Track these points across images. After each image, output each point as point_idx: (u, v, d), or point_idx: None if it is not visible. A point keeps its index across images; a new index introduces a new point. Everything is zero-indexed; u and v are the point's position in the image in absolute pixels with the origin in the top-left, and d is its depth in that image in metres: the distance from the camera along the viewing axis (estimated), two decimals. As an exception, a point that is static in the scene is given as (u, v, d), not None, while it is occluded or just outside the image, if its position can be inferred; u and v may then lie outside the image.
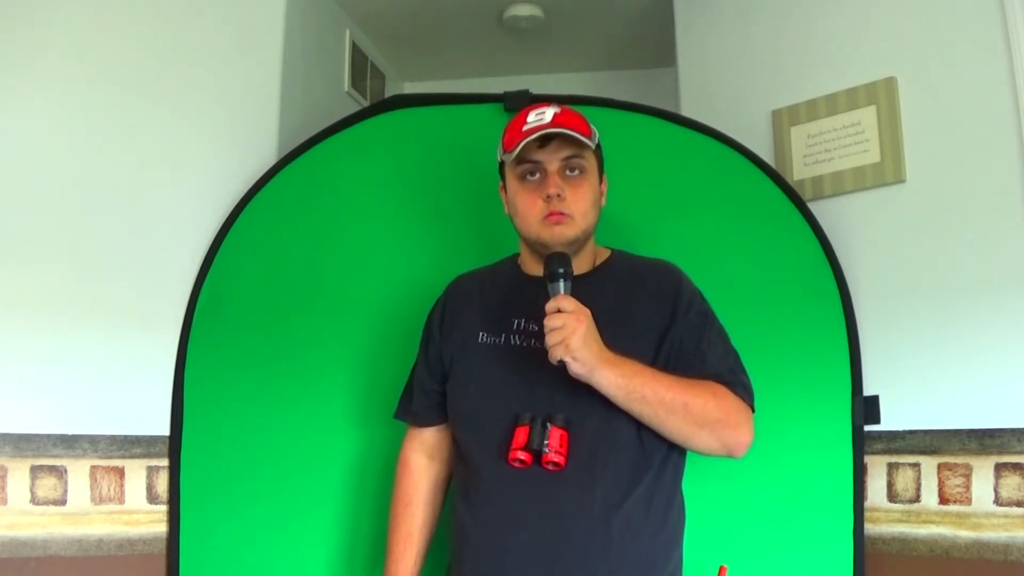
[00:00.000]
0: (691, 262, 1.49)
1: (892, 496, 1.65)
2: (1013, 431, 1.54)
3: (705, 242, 1.71)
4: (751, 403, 1.33)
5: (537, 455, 1.26)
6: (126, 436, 1.74)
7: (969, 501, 1.56)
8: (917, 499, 1.62)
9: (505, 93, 1.84)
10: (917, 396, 1.65)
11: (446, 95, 1.92)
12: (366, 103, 2.59)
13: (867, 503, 1.64)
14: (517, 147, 1.34)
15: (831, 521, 1.60)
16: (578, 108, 1.46)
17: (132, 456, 1.74)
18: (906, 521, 1.62)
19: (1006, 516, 1.52)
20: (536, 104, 1.41)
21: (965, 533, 1.56)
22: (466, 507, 1.34)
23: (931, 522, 1.60)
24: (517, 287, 1.43)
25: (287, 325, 1.78)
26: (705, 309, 1.40)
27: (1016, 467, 1.52)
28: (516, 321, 1.38)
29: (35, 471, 1.67)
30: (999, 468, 1.54)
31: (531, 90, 1.83)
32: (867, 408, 1.64)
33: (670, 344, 1.33)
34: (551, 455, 1.25)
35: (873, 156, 1.77)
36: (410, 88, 3.04)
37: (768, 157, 1.88)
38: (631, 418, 1.27)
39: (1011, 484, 1.53)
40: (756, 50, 2.01)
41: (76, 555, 1.67)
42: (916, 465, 1.63)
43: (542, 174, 1.36)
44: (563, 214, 1.34)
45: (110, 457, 1.73)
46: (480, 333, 1.41)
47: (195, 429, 1.74)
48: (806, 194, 1.83)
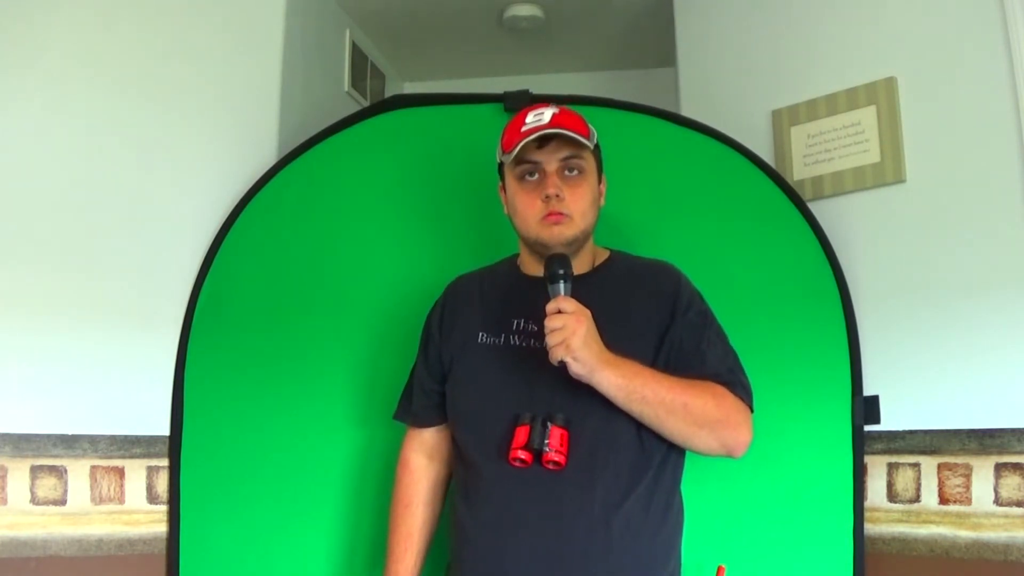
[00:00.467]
0: (691, 262, 1.49)
1: (892, 496, 1.65)
2: (1013, 431, 1.53)
3: (705, 242, 1.72)
4: (750, 403, 1.33)
5: (538, 454, 1.26)
6: (126, 436, 1.74)
7: (969, 501, 1.56)
8: (917, 499, 1.62)
9: (505, 93, 1.84)
10: (917, 396, 1.65)
11: (446, 95, 1.92)
12: (366, 103, 2.59)
13: (867, 503, 1.64)
14: (516, 148, 1.34)
15: (831, 521, 1.59)
16: (578, 108, 1.46)
17: (132, 456, 1.74)
18: (906, 521, 1.62)
19: (1006, 516, 1.52)
20: (535, 104, 1.42)
21: (965, 533, 1.56)
22: (466, 507, 1.35)
23: (931, 522, 1.60)
24: (517, 287, 1.43)
25: (287, 325, 1.78)
26: (704, 309, 1.40)
27: (1016, 467, 1.52)
28: (516, 321, 1.38)
29: (35, 471, 1.67)
30: (999, 468, 1.54)
31: (531, 90, 1.83)
32: (867, 408, 1.64)
33: (669, 344, 1.33)
34: (552, 454, 1.25)
35: (873, 156, 1.77)
36: (410, 88, 3.04)
37: (768, 157, 1.88)
38: (631, 418, 1.28)
39: (1011, 484, 1.53)
40: (756, 50, 2.01)
41: (76, 555, 1.67)
42: (916, 465, 1.63)
43: (541, 174, 1.36)
44: (562, 214, 1.34)
45: (110, 457, 1.73)
46: (480, 333, 1.41)
47: (195, 429, 1.74)
48: (806, 194, 1.83)
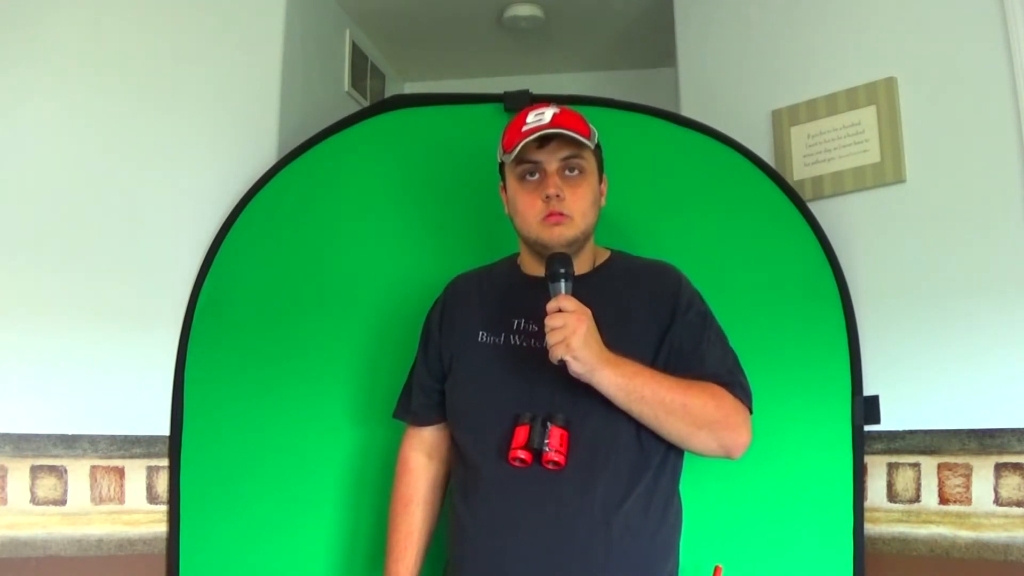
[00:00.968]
0: (691, 262, 1.49)
1: (892, 496, 1.65)
2: (1013, 431, 1.53)
3: (705, 242, 1.71)
4: (749, 404, 1.33)
5: (537, 454, 1.26)
6: (126, 436, 1.74)
7: (969, 501, 1.56)
8: (917, 499, 1.62)
9: (505, 93, 1.84)
10: (917, 396, 1.65)
11: (446, 95, 1.92)
12: (366, 103, 2.59)
13: (867, 503, 1.64)
14: (516, 147, 1.34)
15: (831, 521, 1.59)
16: (578, 108, 1.46)
17: (132, 456, 1.74)
18: (906, 521, 1.62)
19: (1006, 516, 1.52)
20: (536, 104, 1.42)
21: (965, 533, 1.56)
22: (465, 507, 1.34)
23: (931, 522, 1.60)
24: (517, 287, 1.43)
25: (287, 325, 1.78)
26: (704, 310, 1.40)
27: (1016, 467, 1.52)
28: (516, 321, 1.38)
29: (35, 471, 1.67)
30: (999, 468, 1.54)
31: (531, 90, 1.83)
32: (867, 408, 1.64)
33: (669, 345, 1.34)
34: (551, 454, 1.25)
35: (873, 156, 1.77)
36: (410, 88, 3.04)
37: (768, 157, 1.88)
38: (631, 419, 1.28)
39: (1011, 484, 1.53)
40: (756, 50, 2.01)
41: (76, 555, 1.67)
42: (916, 465, 1.63)
43: (541, 174, 1.36)
44: (562, 214, 1.34)
45: (110, 457, 1.73)
46: (480, 333, 1.41)
47: (195, 429, 1.74)
48: (806, 194, 1.83)
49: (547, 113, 1.36)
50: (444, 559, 1.43)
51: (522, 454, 1.26)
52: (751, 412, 1.33)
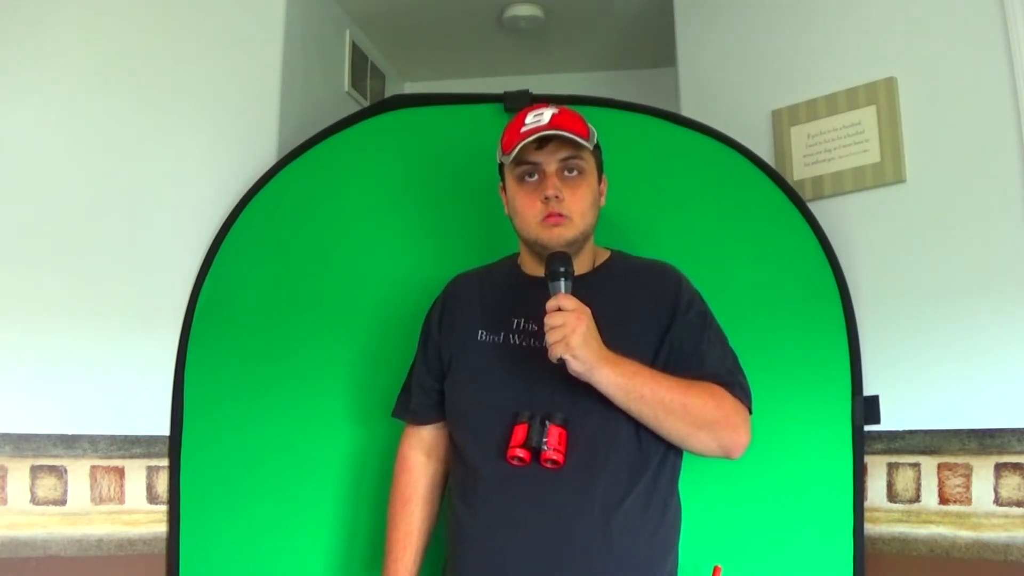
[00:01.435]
0: (691, 262, 1.49)
1: (892, 496, 1.65)
2: (1013, 431, 1.53)
3: (705, 242, 1.71)
4: (749, 404, 1.34)
5: (536, 453, 1.26)
6: (126, 436, 1.74)
7: (969, 501, 1.56)
8: (917, 499, 1.62)
9: (505, 93, 1.84)
10: (917, 396, 1.65)
11: (446, 95, 1.92)
12: (366, 103, 2.59)
13: (867, 503, 1.64)
14: (515, 149, 1.34)
15: (831, 521, 1.59)
16: (578, 108, 1.46)
17: (132, 456, 1.74)
18: (906, 521, 1.62)
19: (1006, 516, 1.52)
20: (535, 105, 1.42)
21: (965, 533, 1.56)
22: (464, 506, 1.34)
23: (931, 522, 1.60)
24: (517, 287, 1.43)
25: (287, 325, 1.78)
26: (704, 310, 1.40)
27: (1016, 467, 1.52)
28: (516, 321, 1.38)
29: (35, 471, 1.67)
30: (999, 468, 1.54)
31: (531, 90, 1.82)
32: (867, 408, 1.64)
33: (669, 345, 1.34)
34: (550, 453, 1.25)
35: (873, 156, 1.77)
36: (410, 88, 3.04)
37: (768, 157, 1.88)
38: (630, 418, 1.28)
39: (1011, 484, 1.53)
40: (756, 50, 2.01)
41: (76, 555, 1.67)
42: (916, 465, 1.63)
43: (540, 175, 1.36)
44: (561, 215, 1.34)
45: (110, 457, 1.73)
46: (479, 332, 1.41)
47: (195, 429, 1.74)
48: (806, 194, 1.83)
49: (546, 114, 1.36)
50: (443, 559, 1.43)
51: (520, 453, 1.26)
52: (751, 412, 1.34)
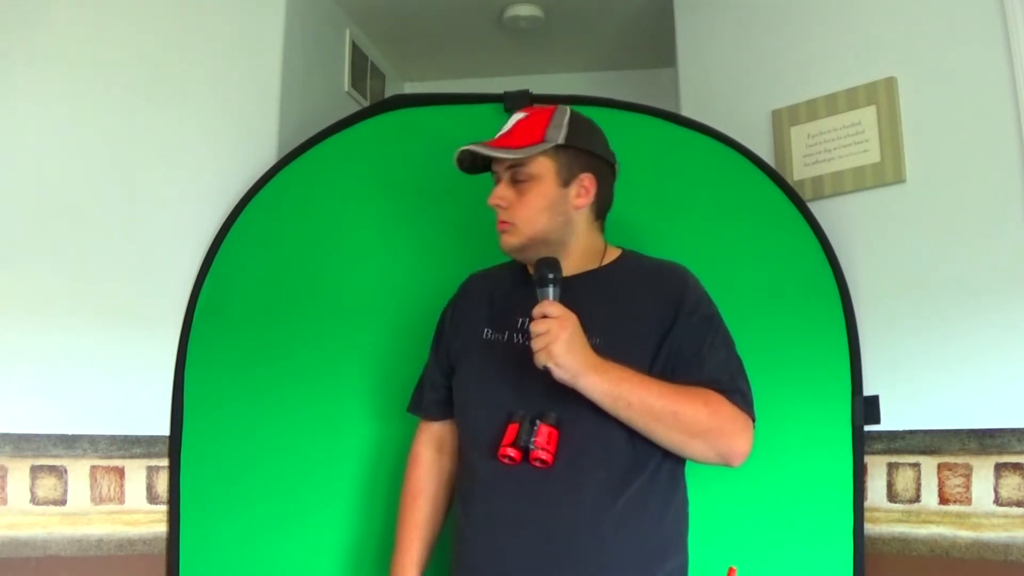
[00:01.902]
0: (691, 262, 1.48)
1: (892, 496, 1.65)
2: (1013, 431, 1.54)
3: (705, 242, 1.71)
4: (750, 412, 1.30)
5: (525, 452, 1.26)
6: (126, 436, 1.74)
7: (969, 501, 1.56)
8: (917, 499, 1.62)
9: (505, 93, 1.84)
10: (917, 396, 1.65)
11: (446, 95, 1.92)
12: (366, 103, 2.58)
13: (867, 503, 1.64)
14: (456, 161, 1.40)
15: (831, 521, 1.60)
16: (578, 108, 1.46)
17: (132, 456, 1.74)
18: (906, 521, 1.62)
19: (1006, 516, 1.52)
20: (524, 108, 1.43)
21: (965, 533, 1.56)
22: (463, 505, 1.36)
23: (931, 522, 1.60)
24: (521, 286, 1.43)
25: (287, 325, 1.78)
26: (709, 313, 1.36)
27: (1016, 467, 1.52)
28: (520, 320, 1.38)
29: (35, 471, 1.67)
30: (999, 468, 1.54)
31: (531, 90, 1.83)
32: (867, 408, 1.64)
33: (669, 347, 1.31)
34: (538, 452, 1.25)
35: (873, 156, 1.77)
36: (410, 88, 3.04)
37: (768, 157, 1.88)
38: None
39: (1011, 484, 1.53)
40: (756, 50, 2.01)
41: (76, 555, 1.67)
42: (916, 465, 1.63)
43: (498, 183, 1.40)
44: (506, 223, 1.36)
45: (110, 457, 1.73)
46: (485, 329, 1.42)
47: (195, 429, 1.74)
48: (806, 194, 1.83)
49: (512, 121, 1.39)
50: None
51: (511, 452, 1.27)
52: (753, 420, 1.30)
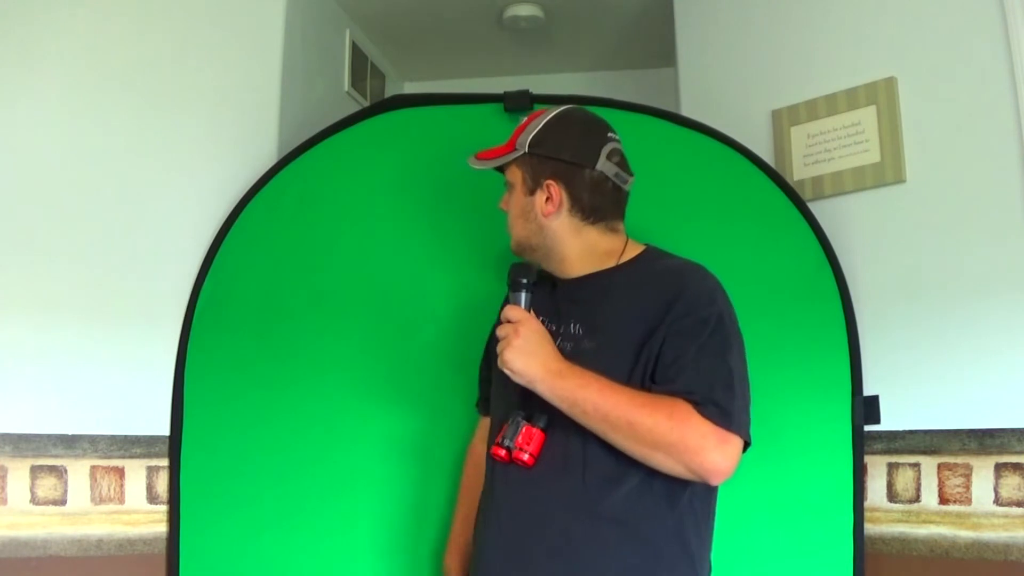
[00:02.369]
0: (691, 262, 1.48)
1: (892, 496, 1.65)
2: (1013, 431, 1.54)
3: (705, 242, 1.70)
4: (728, 426, 1.17)
5: (509, 451, 1.28)
6: (126, 436, 1.74)
7: (969, 501, 1.56)
8: (917, 499, 1.62)
9: (505, 93, 1.84)
10: (917, 396, 1.65)
11: (446, 95, 1.92)
12: (366, 103, 2.59)
13: (867, 503, 1.64)
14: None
15: (831, 521, 1.60)
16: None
17: (132, 456, 1.74)
18: (906, 521, 1.62)
19: (1006, 516, 1.52)
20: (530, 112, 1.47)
21: (965, 533, 1.56)
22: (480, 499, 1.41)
23: (931, 522, 1.60)
24: (542, 286, 1.43)
25: (287, 325, 1.78)
26: (705, 317, 1.24)
27: (1016, 467, 1.52)
28: (540, 319, 1.36)
29: (35, 471, 1.67)
30: (999, 468, 1.54)
31: (531, 90, 1.82)
32: (867, 408, 1.64)
33: (648, 351, 1.23)
34: (518, 452, 1.27)
35: (873, 156, 1.77)
36: (410, 88, 3.04)
37: (768, 157, 1.88)
38: None
39: (1011, 484, 1.53)
40: (756, 50, 2.01)
41: (76, 555, 1.67)
42: (916, 465, 1.63)
43: None
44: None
45: (110, 457, 1.73)
46: None
47: (195, 429, 1.74)
48: (806, 194, 1.83)
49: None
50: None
51: (501, 450, 1.29)
52: (739, 434, 1.18)
